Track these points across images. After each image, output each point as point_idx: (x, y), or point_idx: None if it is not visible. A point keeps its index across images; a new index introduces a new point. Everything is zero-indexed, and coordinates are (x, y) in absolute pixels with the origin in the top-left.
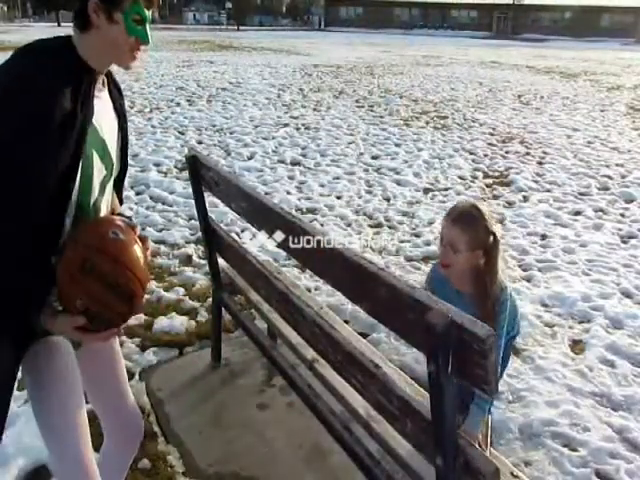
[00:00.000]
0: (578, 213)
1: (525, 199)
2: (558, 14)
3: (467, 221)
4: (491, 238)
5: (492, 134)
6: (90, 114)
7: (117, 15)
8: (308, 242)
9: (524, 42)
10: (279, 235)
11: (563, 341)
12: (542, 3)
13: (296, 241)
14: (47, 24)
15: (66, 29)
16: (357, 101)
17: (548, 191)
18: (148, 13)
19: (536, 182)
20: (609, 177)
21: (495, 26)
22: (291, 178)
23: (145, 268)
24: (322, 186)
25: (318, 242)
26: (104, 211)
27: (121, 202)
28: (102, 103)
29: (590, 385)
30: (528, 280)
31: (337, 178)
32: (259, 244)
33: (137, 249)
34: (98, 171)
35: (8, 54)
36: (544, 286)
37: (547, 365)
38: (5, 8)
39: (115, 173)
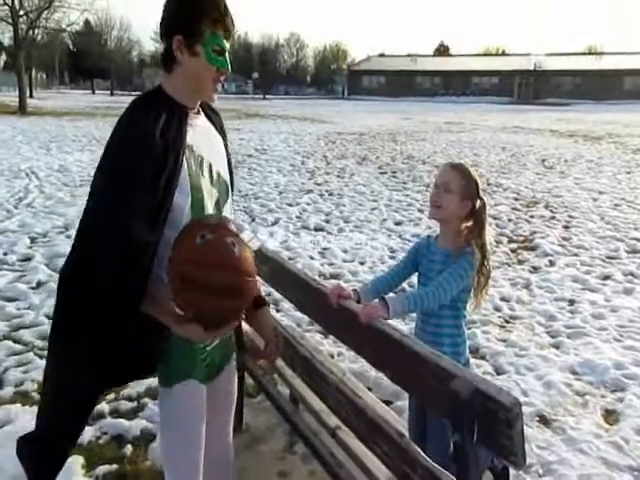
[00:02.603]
0: (607, 277)
1: (551, 264)
2: (579, 78)
3: (463, 169)
4: (479, 202)
5: (516, 199)
6: (182, 142)
7: (198, 47)
8: (330, 307)
9: (546, 107)
10: (302, 299)
11: (595, 411)
12: (563, 68)
13: (319, 306)
14: (82, 91)
15: (100, 97)
16: (380, 167)
17: (575, 255)
18: (227, 44)
19: (562, 246)
20: (638, 240)
21: (517, 91)
22: (315, 243)
23: (241, 255)
24: (345, 252)
25: (341, 307)
26: None
27: None
28: (200, 130)
29: (627, 459)
30: (557, 347)
31: (360, 244)
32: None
33: (227, 241)
34: (208, 193)
35: (46, 118)
36: (574, 353)
37: (579, 436)
38: (44, 76)
39: (230, 193)
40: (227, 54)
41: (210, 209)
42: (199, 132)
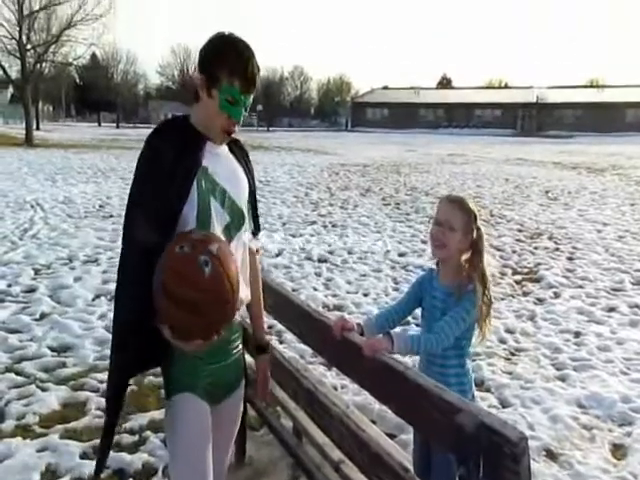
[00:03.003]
0: (612, 309)
1: (556, 295)
2: (581, 111)
3: (463, 203)
4: (476, 232)
5: (520, 230)
6: (195, 162)
7: (214, 91)
8: (334, 339)
9: (548, 139)
10: (306, 331)
11: (603, 445)
12: (565, 101)
13: (322, 338)
14: (89, 124)
15: (106, 129)
16: (384, 199)
17: (580, 287)
18: (243, 97)
19: (567, 278)
20: None
21: (519, 124)
22: (318, 275)
23: (212, 276)
24: (349, 283)
25: (344, 339)
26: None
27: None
28: (219, 159)
29: None
30: (562, 380)
31: (364, 275)
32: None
33: (200, 259)
34: (218, 216)
35: (52, 150)
36: (580, 386)
37: (587, 471)
38: (51, 108)
39: (246, 225)
40: (242, 107)
41: (217, 231)
42: (217, 160)
